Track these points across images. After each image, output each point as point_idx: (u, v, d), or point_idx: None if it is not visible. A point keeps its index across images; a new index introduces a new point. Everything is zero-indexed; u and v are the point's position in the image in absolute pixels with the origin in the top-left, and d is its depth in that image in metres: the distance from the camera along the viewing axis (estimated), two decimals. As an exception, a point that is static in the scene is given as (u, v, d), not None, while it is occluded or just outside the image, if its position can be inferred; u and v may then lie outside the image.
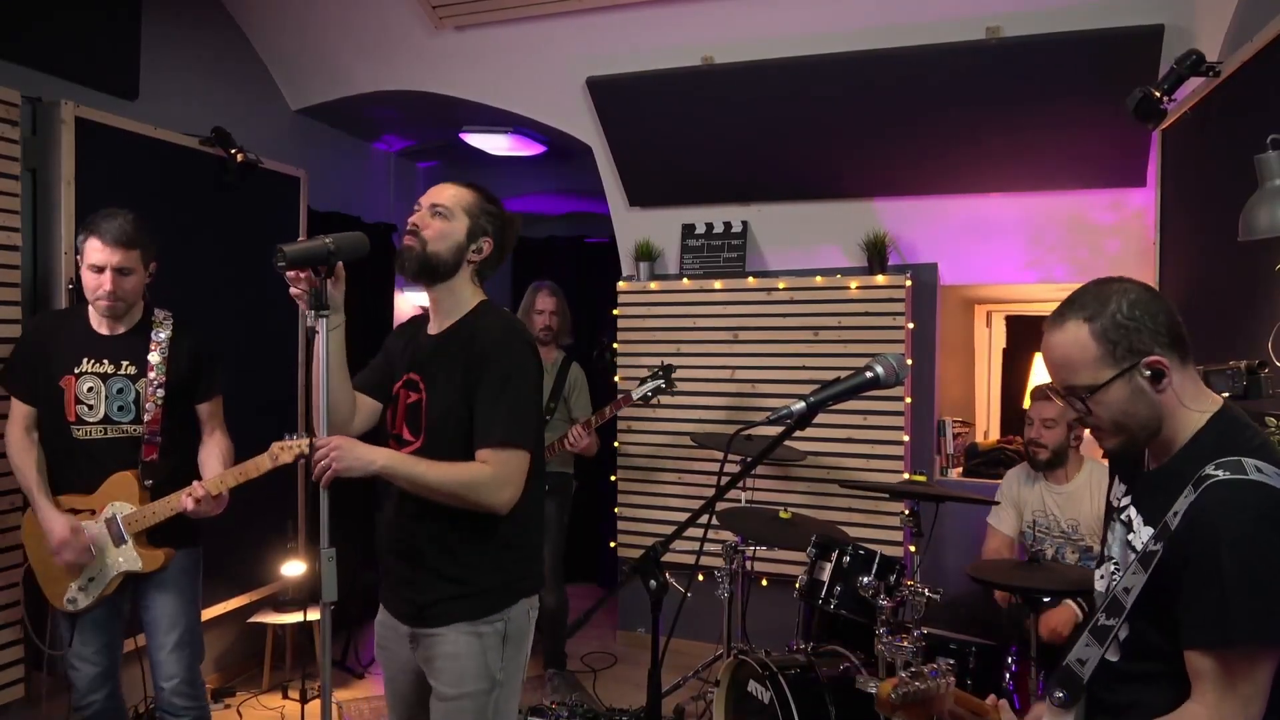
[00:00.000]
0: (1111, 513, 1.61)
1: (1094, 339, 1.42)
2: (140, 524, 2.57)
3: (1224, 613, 1.30)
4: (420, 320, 2.13)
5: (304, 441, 2.55)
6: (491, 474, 1.87)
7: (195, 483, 2.56)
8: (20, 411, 2.62)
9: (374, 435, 2.05)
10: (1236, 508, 1.32)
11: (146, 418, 2.60)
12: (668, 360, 3.99)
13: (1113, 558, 1.55)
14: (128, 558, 2.59)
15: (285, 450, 2.53)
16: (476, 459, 1.90)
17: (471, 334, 1.98)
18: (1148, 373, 1.41)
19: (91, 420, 2.59)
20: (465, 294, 2.03)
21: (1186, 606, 1.35)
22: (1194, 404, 1.45)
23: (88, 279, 2.56)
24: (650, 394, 3.86)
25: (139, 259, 2.58)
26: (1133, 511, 1.52)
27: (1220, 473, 1.34)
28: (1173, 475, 1.43)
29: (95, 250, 2.52)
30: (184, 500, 2.53)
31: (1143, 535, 1.47)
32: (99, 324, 2.64)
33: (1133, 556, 1.46)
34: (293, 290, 1.84)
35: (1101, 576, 1.61)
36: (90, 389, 2.59)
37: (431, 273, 1.98)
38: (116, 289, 2.54)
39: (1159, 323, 1.42)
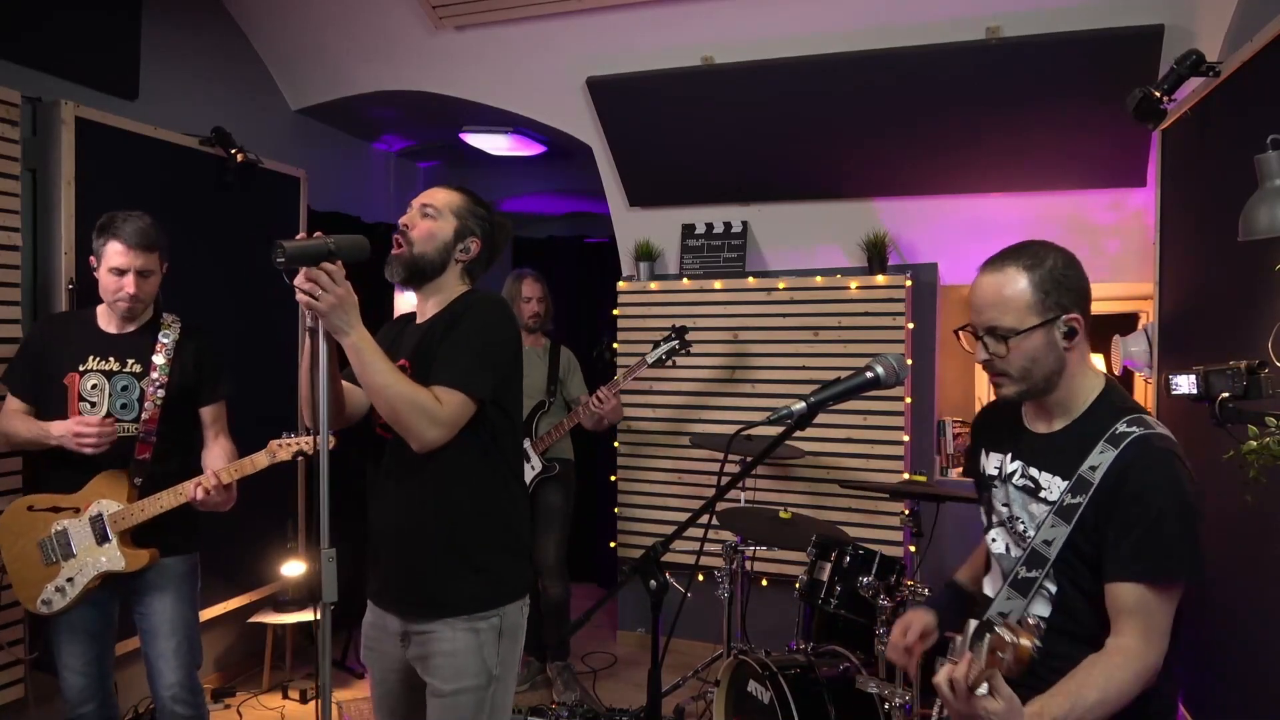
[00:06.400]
0: (989, 482, 1.73)
1: (1030, 286, 1.55)
2: (127, 521, 2.53)
3: (1167, 550, 1.45)
4: (410, 314, 2.17)
5: (302, 440, 2.54)
6: (435, 407, 1.84)
7: (208, 471, 2.55)
8: (14, 405, 2.60)
9: (364, 424, 2.07)
10: (1163, 459, 1.49)
11: (145, 417, 2.59)
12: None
13: (1018, 518, 1.64)
14: (110, 557, 2.54)
15: (283, 448, 2.52)
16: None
17: (457, 312, 2.00)
18: (1064, 328, 1.56)
19: None
20: (451, 287, 2.06)
21: (1119, 544, 1.47)
22: (1092, 369, 1.63)
23: (108, 281, 2.54)
24: (665, 356, 3.85)
25: (158, 260, 2.59)
26: (1034, 471, 1.63)
27: (1135, 429, 1.51)
28: (1080, 435, 1.58)
29: (117, 253, 2.51)
30: (194, 490, 2.51)
31: (1055, 490, 1.57)
32: (107, 324, 2.63)
33: (1046, 510, 1.57)
34: (296, 283, 1.76)
35: (995, 539, 1.71)
36: (94, 386, 2.56)
37: (420, 274, 2.03)
38: (139, 291, 2.54)
39: (1081, 286, 1.58)
